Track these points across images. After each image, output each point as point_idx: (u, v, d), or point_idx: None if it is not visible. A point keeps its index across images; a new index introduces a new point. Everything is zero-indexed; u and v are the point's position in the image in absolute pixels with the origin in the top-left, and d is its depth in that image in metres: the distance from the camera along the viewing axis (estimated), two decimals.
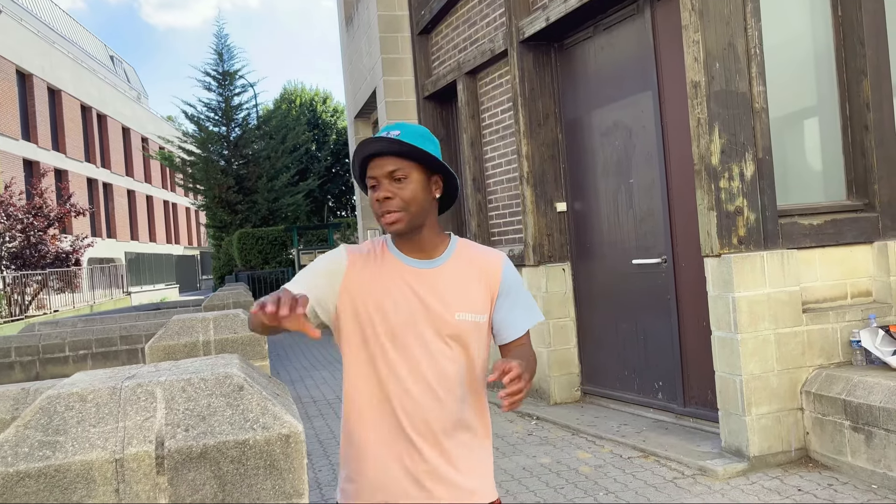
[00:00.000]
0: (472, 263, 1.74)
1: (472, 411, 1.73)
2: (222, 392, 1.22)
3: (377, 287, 1.70)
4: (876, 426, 3.76)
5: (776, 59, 4.53)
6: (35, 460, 1.09)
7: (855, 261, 4.58)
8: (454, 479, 1.68)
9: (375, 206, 1.67)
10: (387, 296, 1.69)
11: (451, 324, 1.67)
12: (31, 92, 26.50)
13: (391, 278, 1.70)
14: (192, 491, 1.14)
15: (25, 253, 19.41)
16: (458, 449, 1.70)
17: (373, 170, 1.66)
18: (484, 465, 1.75)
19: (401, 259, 1.72)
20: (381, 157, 1.67)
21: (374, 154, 1.67)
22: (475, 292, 1.71)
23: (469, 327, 1.69)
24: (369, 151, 1.67)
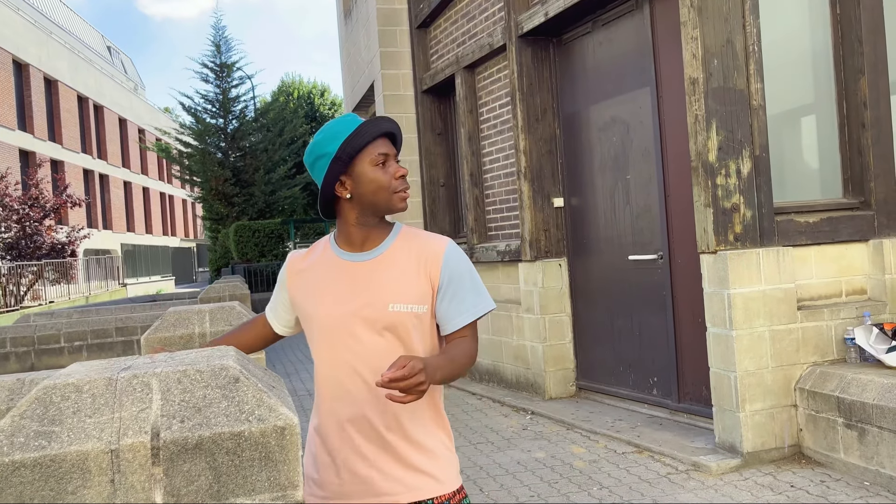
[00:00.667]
0: (411, 252, 1.68)
1: (419, 404, 1.68)
2: (218, 384, 1.22)
3: (313, 287, 1.72)
4: (869, 423, 3.78)
5: (774, 57, 4.53)
6: (31, 450, 1.09)
7: (850, 258, 4.59)
8: (398, 476, 1.65)
9: (395, 183, 1.66)
10: (322, 294, 1.69)
11: (384, 316, 1.63)
12: (28, 82, 26.39)
13: (326, 275, 1.70)
14: (187, 482, 1.14)
15: (21, 244, 19.37)
16: (403, 444, 1.66)
17: (385, 147, 1.66)
18: (435, 461, 1.69)
19: (339, 255, 1.71)
20: (387, 139, 1.69)
21: (385, 133, 1.68)
22: (412, 282, 1.65)
23: (405, 319, 1.64)
24: (386, 129, 1.68)
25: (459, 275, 1.68)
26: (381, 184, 1.65)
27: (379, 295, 1.65)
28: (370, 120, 1.67)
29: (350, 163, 1.65)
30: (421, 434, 1.68)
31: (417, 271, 1.66)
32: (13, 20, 25.63)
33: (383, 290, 1.65)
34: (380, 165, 1.65)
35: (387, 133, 1.68)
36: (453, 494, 1.69)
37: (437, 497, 1.67)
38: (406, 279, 1.66)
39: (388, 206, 1.67)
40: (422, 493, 1.66)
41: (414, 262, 1.67)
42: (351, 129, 1.64)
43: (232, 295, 6.63)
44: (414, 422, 1.67)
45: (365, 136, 1.64)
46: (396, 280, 1.66)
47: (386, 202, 1.66)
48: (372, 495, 1.66)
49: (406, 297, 1.65)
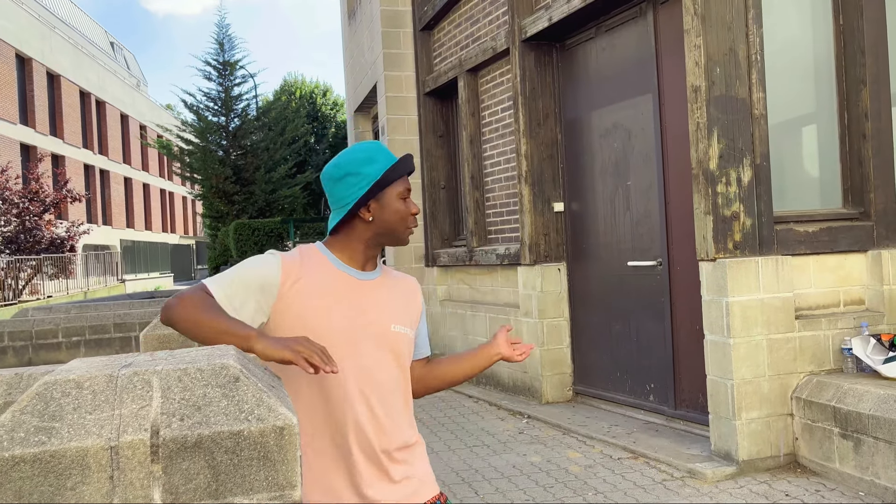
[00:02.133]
0: (395, 281, 1.85)
1: (406, 421, 1.79)
2: (218, 383, 1.23)
3: (316, 298, 1.67)
4: (865, 434, 3.79)
5: (776, 66, 4.54)
6: (30, 445, 1.10)
7: (849, 269, 4.60)
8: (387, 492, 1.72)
9: (409, 220, 1.78)
10: (328, 307, 1.67)
11: (387, 334, 1.74)
12: (30, 76, 26.40)
13: (332, 290, 1.70)
14: (185, 480, 1.15)
15: (20, 238, 19.36)
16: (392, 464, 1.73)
17: (408, 184, 1.80)
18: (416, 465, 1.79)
19: (343, 270, 1.74)
20: (408, 176, 1.82)
21: (409, 172, 1.82)
22: (407, 309, 1.82)
23: (402, 339, 1.77)
24: (412, 168, 1.83)
25: (424, 312, 1.94)
26: (403, 216, 1.77)
27: (384, 314, 1.75)
28: (405, 157, 1.82)
29: (382, 190, 1.75)
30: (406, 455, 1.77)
31: (409, 300, 1.84)
32: (16, 14, 25.65)
33: (387, 310, 1.77)
34: (403, 200, 1.77)
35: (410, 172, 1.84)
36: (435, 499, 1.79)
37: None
38: (400, 304, 1.81)
39: (400, 238, 1.80)
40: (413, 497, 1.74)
41: (403, 291, 1.84)
42: (392, 160, 1.77)
43: None
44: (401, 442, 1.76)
45: (401, 171, 1.77)
46: (395, 303, 1.79)
47: (401, 233, 1.79)
48: None
49: (403, 319, 1.79)
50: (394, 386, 1.74)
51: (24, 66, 26.26)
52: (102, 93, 32.90)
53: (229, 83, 24.75)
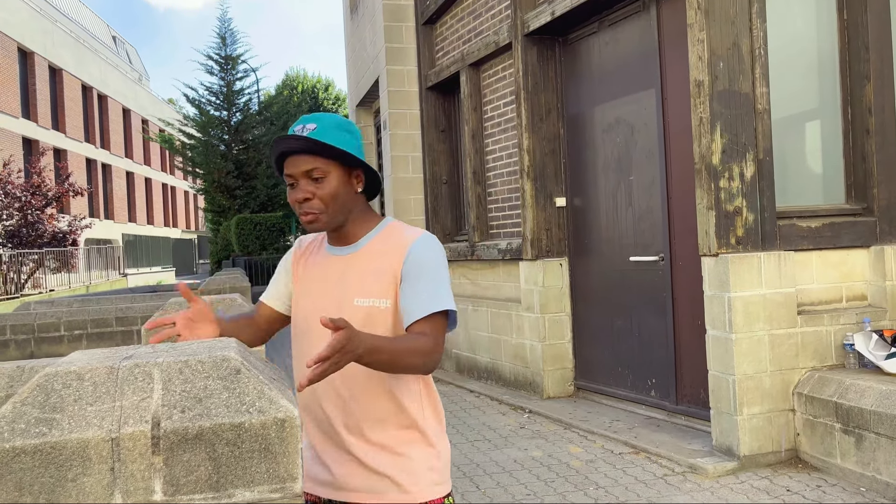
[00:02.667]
0: (385, 246, 1.65)
1: (390, 404, 1.64)
2: (219, 375, 1.22)
3: (304, 280, 1.74)
4: (866, 429, 3.79)
5: (780, 61, 4.53)
6: (31, 437, 1.10)
7: (851, 264, 4.59)
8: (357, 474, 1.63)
9: (297, 207, 1.64)
10: (304, 288, 1.72)
11: (348, 310, 1.62)
12: (33, 70, 26.39)
13: (313, 270, 1.72)
14: (186, 472, 1.14)
15: (22, 231, 19.37)
16: (362, 444, 1.63)
17: (289, 167, 1.62)
18: (400, 464, 1.64)
19: (326, 249, 1.74)
20: (297, 156, 1.61)
21: (290, 152, 1.62)
22: (378, 276, 1.62)
23: (370, 313, 1.60)
24: (282, 149, 1.61)
25: (420, 269, 1.60)
26: (292, 206, 1.65)
27: (347, 290, 1.64)
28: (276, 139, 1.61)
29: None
30: (382, 435, 1.64)
31: (385, 265, 1.63)
32: (19, 8, 25.62)
33: (352, 284, 1.64)
34: (290, 187, 1.65)
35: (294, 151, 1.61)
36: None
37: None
38: (374, 273, 1.63)
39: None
40: (380, 497, 1.62)
41: (385, 255, 1.64)
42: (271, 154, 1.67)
43: (232, 287, 6.64)
44: (375, 423, 1.64)
45: (273, 158, 1.66)
46: (365, 274, 1.64)
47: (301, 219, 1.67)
48: (332, 489, 1.67)
49: (371, 291, 1.62)
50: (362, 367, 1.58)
51: (26, 60, 26.24)
52: (104, 87, 32.88)
53: (231, 77, 24.72)
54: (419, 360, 1.52)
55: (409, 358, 1.50)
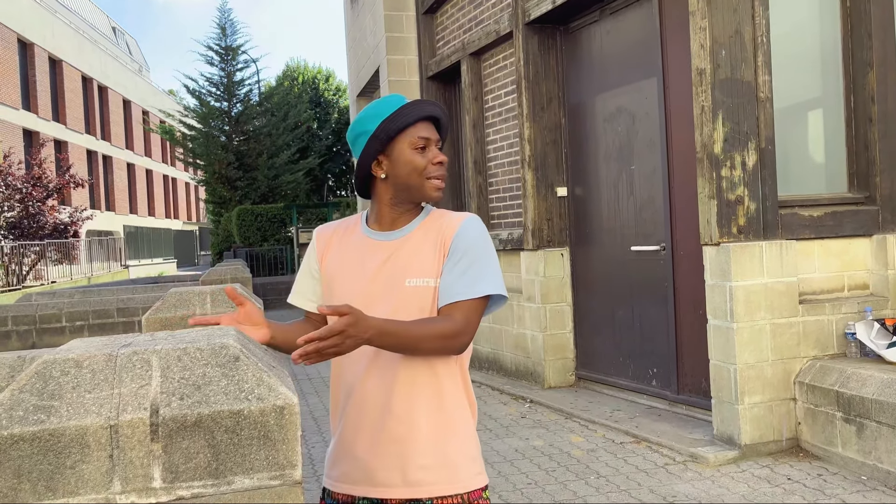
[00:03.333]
0: (432, 229, 1.65)
1: (433, 393, 1.60)
2: (218, 362, 1.22)
3: (339, 263, 1.70)
4: (868, 418, 3.78)
5: (782, 49, 4.50)
6: (30, 424, 1.09)
7: (853, 253, 4.58)
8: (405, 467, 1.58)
9: (431, 169, 1.62)
10: (345, 271, 1.68)
11: (400, 291, 1.59)
12: (32, 61, 26.32)
13: (352, 253, 1.69)
14: (185, 459, 1.14)
15: (24, 223, 19.37)
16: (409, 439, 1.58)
17: (426, 131, 1.63)
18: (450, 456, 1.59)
19: (366, 234, 1.70)
20: (428, 123, 1.65)
21: (428, 117, 1.65)
22: (429, 256, 1.61)
23: (421, 293, 1.59)
24: (430, 112, 1.64)
25: (469, 248, 1.60)
26: (417, 167, 1.62)
27: (397, 272, 1.62)
28: (415, 101, 1.64)
29: (389, 142, 1.62)
30: (422, 425, 1.59)
31: (434, 246, 1.63)
32: None
33: (402, 266, 1.62)
34: (419, 149, 1.62)
35: (431, 117, 1.65)
36: (458, 498, 1.58)
37: (438, 497, 1.58)
38: (424, 254, 1.62)
39: (421, 192, 1.64)
40: (420, 491, 1.58)
41: (434, 236, 1.64)
42: (394, 109, 1.62)
43: (234, 278, 6.64)
44: (417, 413, 1.59)
45: (407, 118, 1.61)
46: (415, 256, 1.63)
47: (419, 187, 1.63)
48: (368, 484, 1.61)
49: (422, 271, 1.61)
50: None
51: (25, 51, 26.17)
52: (105, 78, 32.81)
53: (232, 68, 24.65)
54: (438, 344, 1.51)
55: (427, 342, 1.50)
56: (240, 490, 1.15)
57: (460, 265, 1.59)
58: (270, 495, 1.16)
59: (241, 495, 1.15)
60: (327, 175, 29.52)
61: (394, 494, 1.58)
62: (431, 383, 1.61)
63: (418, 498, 1.57)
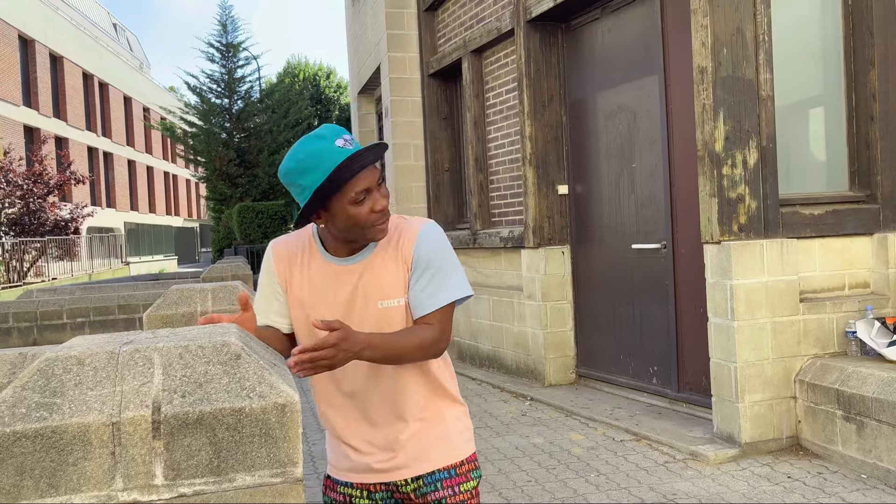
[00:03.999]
0: (392, 245, 1.68)
1: (417, 395, 1.74)
2: (219, 360, 1.22)
3: (307, 287, 1.71)
4: (868, 416, 3.79)
5: (784, 47, 4.49)
6: (32, 421, 1.10)
7: (854, 252, 4.58)
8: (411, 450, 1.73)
9: (373, 217, 1.61)
10: (316, 298, 1.70)
11: (374, 313, 1.67)
12: (33, 58, 26.31)
13: (318, 279, 1.70)
14: (187, 456, 1.14)
15: (24, 220, 19.38)
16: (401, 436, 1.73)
17: (366, 181, 1.59)
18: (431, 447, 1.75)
19: (327, 259, 1.70)
20: (369, 169, 1.61)
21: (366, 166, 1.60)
22: (393, 276, 1.67)
23: (393, 314, 1.67)
24: (367, 164, 1.59)
25: (430, 259, 1.66)
26: (357, 221, 1.61)
27: (368, 295, 1.68)
28: (350, 158, 1.56)
29: (328, 200, 1.60)
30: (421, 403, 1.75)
31: (398, 264, 1.67)
32: None
33: (372, 289, 1.68)
34: (359, 203, 1.60)
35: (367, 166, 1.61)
36: (461, 463, 1.76)
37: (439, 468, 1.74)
38: (389, 275, 1.67)
39: (365, 238, 1.65)
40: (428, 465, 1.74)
41: (395, 255, 1.68)
42: (327, 172, 1.55)
43: (234, 275, 6.64)
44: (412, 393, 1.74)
45: (342, 178, 1.56)
46: (382, 278, 1.68)
47: (362, 237, 1.64)
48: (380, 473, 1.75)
49: (391, 292, 1.67)
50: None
51: (26, 48, 26.16)
52: (105, 75, 32.79)
53: (232, 65, 24.63)
54: (419, 353, 1.64)
55: (410, 353, 1.62)
56: (241, 487, 1.15)
57: (424, 278, 1.66)
58: (272, 493, 1.16)
59: (242, 493, 1.15)
60: None
61: (398, 476, 1.74)
62: (421, 380, 1.75)
63: (421, 474, 1.74)
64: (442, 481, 1.73)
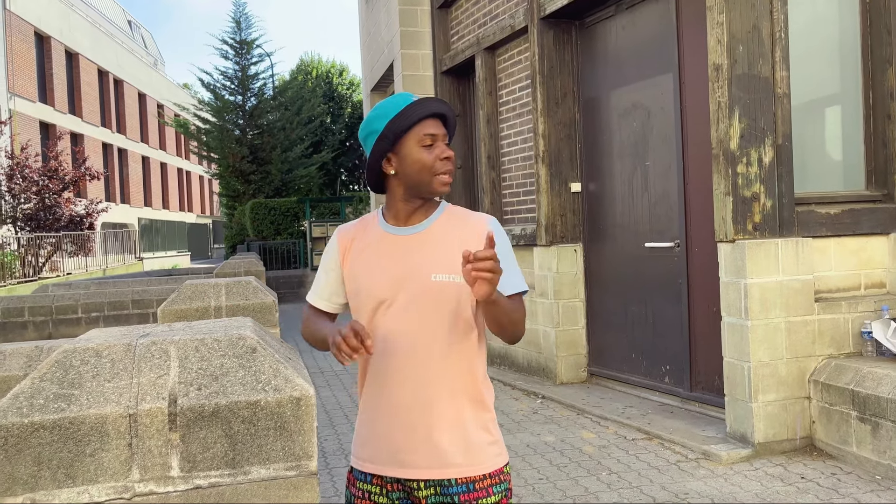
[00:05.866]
0: (455, 227, 1.73)
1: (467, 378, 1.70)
2: (235, 353, 1.23)
3: (362, 260, 1.75)
4: (883, 417, 3.76)
5: (800, 44, 4.46)
6: (50, 412, 1.10)
7: (871, 251, 4.54)
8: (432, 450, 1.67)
9: (438, 165, 1.68)
10: (370, 267, 1.73)
11: (427, 285, 1.67)
12: (49, 55, 26.51)
13: (374, 249, 1.74)
14: (203, 448, 1.15)
15: (40, 215, 19.54)
16: (438, 419, 1.67)
17: (433, 128, 1.68)
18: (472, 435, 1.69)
19: (385, 229, 1.75)
20: (437, 119, 1.70)
21: (434, 114, 1.70)
22: (455, 254, 1.66)
23: (447, 288, 1.66)
24: (435, 110, 1.69)
25: (503, 250, 1.68)
26: (425, 164, 1.67)
27: (422, 266, 1.69)
28: (421, 100, 1.69)
29: (397, 141, 1.68)
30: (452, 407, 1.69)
31: (463, 244, 1.68)
32: None
33: (426, 261, 1.69)
34: (426, 146, 1.68)
35: (437, 114, 1.70)
36: (482, 478, 1.69)
37: (463, 478, 1.67)
38: (449, 251, 1.68)
39: (429, 188, 1.70)
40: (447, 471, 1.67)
41: (457, 235, 1.71)
42: (400, 108, 1.67)
43: (248, 271, 6.67)
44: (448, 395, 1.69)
45: (412, 116, 1.66)
46: (439, 252, 1.69)
47: (427, 183, 1.69)
48: (398, 465, 1.70)
49: (448, 267, 1.67)
50: (434, 336, 1.67)
51: (42, 45, 26.36)
52: (120, 71, 32.99)
53: (246, 62, 24.72)
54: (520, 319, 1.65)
55: (516, 315, 1.64)
56: (256, 480, 1.16)
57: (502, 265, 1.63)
58: (286, 486, 1.17)
59: (257, 485, 1.16)
60: (340, 169, 29.59)
61: (421, 475, 1.68)
62: (461, 372, 1.71)
63: (444, 478, 1.67)
64: (459, 495, 1.66)
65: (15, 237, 18.53)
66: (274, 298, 3.25)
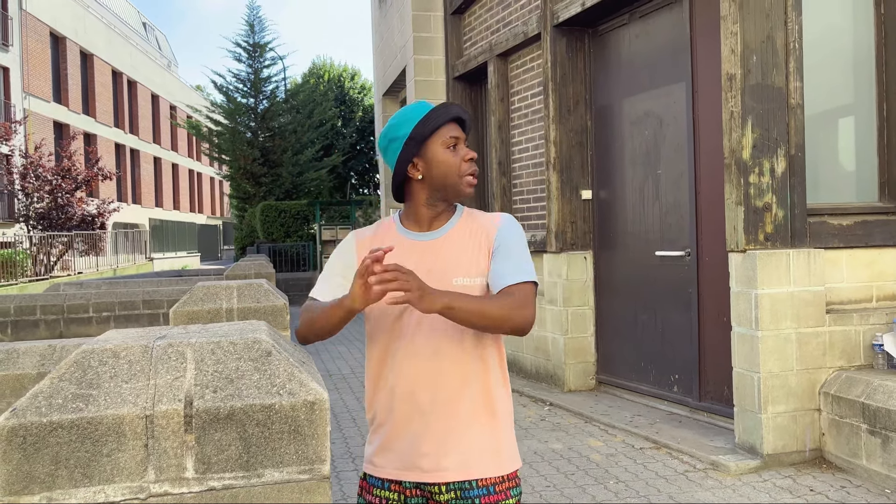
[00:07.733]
0: (472, 229, 1.75)
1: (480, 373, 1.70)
2: (250, 356, 1.24)
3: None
4: (894, 431, 3.73)
5: (814, 55, 4.45)
6: (68, 412, 1.12)
7: (883, 264, 4.52)
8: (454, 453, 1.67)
9: (465, 166, 1.72)
10: None
11: (448, 290, 1.64)
12: (64, 55, 26.74)
13: (398, 256, 1.73)
14: (217, 450, 1.16)
15: (52, 214, 19.68)
16: (459, 422, 1.68)
17: (455, 131, 1.73)
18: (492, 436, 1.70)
19: (405, 234, 1.76)
20: (458, 124, 1.75)
21: (456, 119, 1.74)
22: (474, 256, 1.70)
23: (468, 292, 1.66)
24: (456, 114, 1.74)
25: (513, 242, 1.72)
26: (452, 165, 1.71)
27: (444, 271, 1.70)
28: (442, 104, 1.74)
29: (423, 144, 1.71)
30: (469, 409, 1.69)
31: (478, 244, 1.72)
32: None
33: (448, 265, 1.70)
34: (451, 148, 1.72)
35: (456, 118, 1.75)
36: (501, 480, 1.70)
37: (483, 479, 1.69)
38: (468, 254, 1.71)
39: (456, 189, 1.73)
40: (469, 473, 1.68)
41: (474, 236, 1.74)
42: (424, 113, 1.72)
43: (258, 273, 6.70)
44: (465, 398, 1.69)
45: (437, 120, 1.71)
46: (459, 255, 1.71)
47: (454, 185, 1.73)
48: (417, 469, 1.70)
49: (469, 271, 1.70)
50: (456, 340, 1.67)
51: (57, 45, 26.59)
52: (134, 73, 33.24)
53: (259, 65, 24.84)
54: (501, 314, 1.59)
55: (493, 313, 1.58)
56: (270, 483, 1.17)
57: (510, 257, 1.70)
58: (299, 489, 1.18)
59: (270, 488, 1.17)
60: (350, 173, 29.65)
61: (443, 478, 1.68)
62: (481, 375, 1.71)
63: (465, 479, 1.68)
64: (480, 498, 1.67)
65: (27, 235, 18.67)
66: (285, 301, 3.27)
